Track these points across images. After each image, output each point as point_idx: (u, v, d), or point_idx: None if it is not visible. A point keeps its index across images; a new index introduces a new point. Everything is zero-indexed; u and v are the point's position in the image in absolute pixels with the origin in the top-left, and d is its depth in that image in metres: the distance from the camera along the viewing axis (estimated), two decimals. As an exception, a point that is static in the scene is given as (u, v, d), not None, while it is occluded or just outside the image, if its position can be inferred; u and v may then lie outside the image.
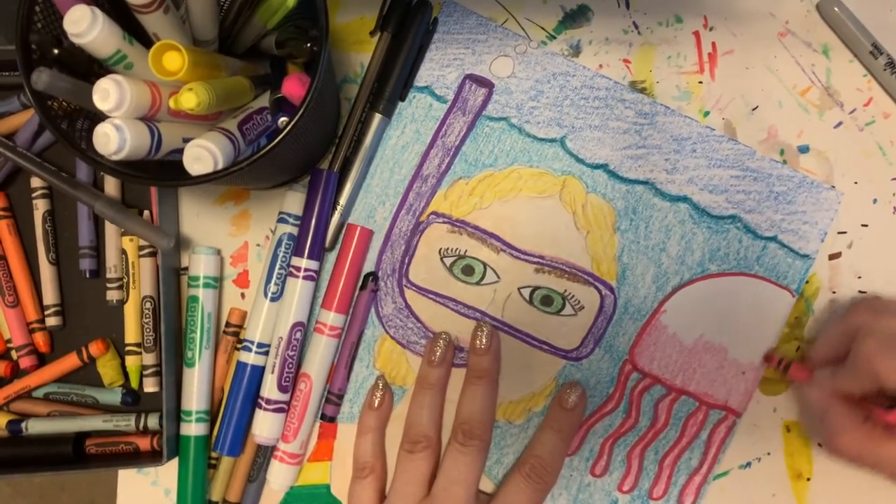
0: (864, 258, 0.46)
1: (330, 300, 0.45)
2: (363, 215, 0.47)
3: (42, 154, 0.47)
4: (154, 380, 0.46)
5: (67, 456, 0.45)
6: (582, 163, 0.46)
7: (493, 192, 0.47)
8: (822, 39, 0.47)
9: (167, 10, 0.34)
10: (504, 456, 0.46)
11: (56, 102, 0.35)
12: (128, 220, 0.43)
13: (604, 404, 0.46)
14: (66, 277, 0.48)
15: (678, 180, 0.46)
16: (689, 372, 0.46)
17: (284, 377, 0.44)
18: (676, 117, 0.46)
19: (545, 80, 0.47)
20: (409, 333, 0.47)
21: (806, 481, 0.46)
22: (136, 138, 0.33)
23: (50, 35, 0.35)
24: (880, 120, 0.46)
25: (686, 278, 0.46)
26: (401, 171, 0.47)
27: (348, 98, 0.48)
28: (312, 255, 0.45)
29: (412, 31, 0.46)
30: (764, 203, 0.46)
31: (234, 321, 0.47)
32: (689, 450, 0.46)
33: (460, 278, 0.47)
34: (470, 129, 0.47)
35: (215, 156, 0.34)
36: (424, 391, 0.45)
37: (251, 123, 0.38)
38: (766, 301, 0.46)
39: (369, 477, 0.45)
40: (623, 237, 0.46)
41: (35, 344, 0.47)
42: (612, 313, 0.46)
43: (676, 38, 0.47)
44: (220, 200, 0.48)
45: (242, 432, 0.45)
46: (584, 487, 0.46)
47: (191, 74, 0.33)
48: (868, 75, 0.47)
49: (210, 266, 0.46)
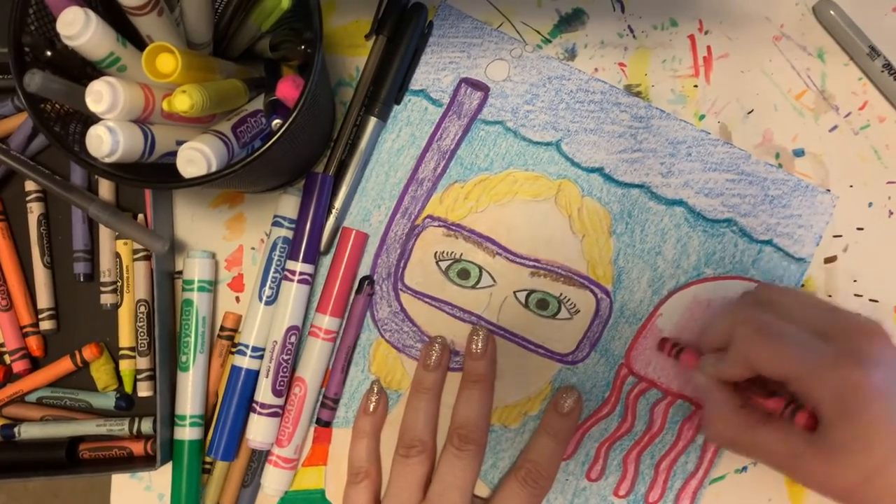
0: (859, 261, 0.46)
1: (325, 304, 0.45)
2: (358, 219, 0.47)
3: (36, 157, 0.47)
4: (148, 384, 0.45)
5: (61, 461, 0.45)
6: (577, 166, 0.46)
7: (488, 195, 0.47)
8: (817, 43, 0.47)
9: (161, 13, 0.34)
10: (500, 460, 0.46)
11: (49, 105, 0.35)
12: (122, 223, 0.43)
13: (599, 408, 0.46)
14: (60, 281, 0.47)
15: (673, 184, 0.46)
16: (684, 376, 0.45)
17: (279, 381, 0.44)
18: (672, 121, 0.46)
19: (540, 83, 0.47)
20: (405, 337, 0.47)
21: (802, 486, 0.45)
22: (130, 141, 0.33)
23: (43, 37, 0.35)
24: (875, 123, 0.46)
25: (682, 282, 0.46)
26: (396, 174, 0.47)
27: (343, 101, 0.48)
28: (307, 259, 0.45)
29: (407, 35, 0.46)
30: (759, 207, 0.46)
31: (229, 325, 0.46)
32: (685, 454, 0.45)
33: (456, 282, 0.46)
34: (465, 132, 0.47)
35: (209, 158, 0.34)
36: (420, 395, 0.45)
37: (245, 126, 0.38)
38: (761, 305, 0.45)
39: (364, 482, 0.44)
40: (619, 241, 0.46)
41: (28, 348, 0.47)
42: (607, 317, 0.46)
43: (671, 42, 0.47)
44: (214, 204, 0.48)
45: (237, 437, 0.45)
46: (579, 492, 0.46)
47: (184, 77, 0.33)
48: (863, 78, 0.47)
49: (204, 270, 0.46)
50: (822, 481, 0.36)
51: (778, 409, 0.38)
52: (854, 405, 0.34)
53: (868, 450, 0.34)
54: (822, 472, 0.35)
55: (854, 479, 0.34)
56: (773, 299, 0.40)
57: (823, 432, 0.35)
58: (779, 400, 0.38)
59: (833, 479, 0.35)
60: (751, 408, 0.39)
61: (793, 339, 0.36)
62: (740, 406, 0.39)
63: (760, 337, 0.37)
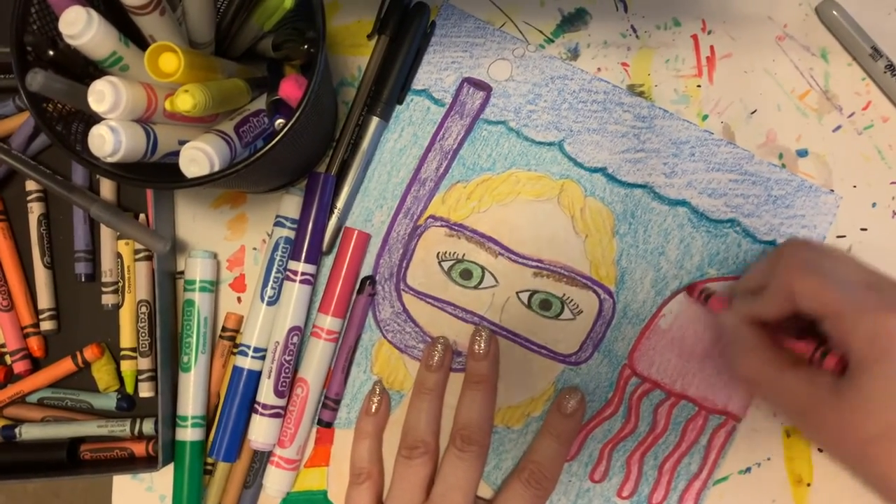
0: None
1: (327, 304, 0.45)
2: (360, 219, 0.47)
3: (37, 157, 0.47)
4: (149, 385, 0.45)
5: (62, 462, 0.44)
6: (580, 166, 0.46)
7: (491, 195, 0.47)
8: (820, 43, 0.47)
9: (163, 12, 0.34)
10: (503, 461, 0.46)
11: (51, 105, 0.35)
12: (123, 223, 0.43)
13: (603, 409, 0.46)
14: (62, 281, 0.47)
15: (677, 184, 0.46)
16: (688, 376, 0.45)
17: (281, 382, 0.44)
18: (675, 121, 0.46)
19: (543, 83, 0.47)
20: (407, 338, 0.47)
21: (806, 486, 0.45)
22: (132, 140, 0.33)
23: (45, 36, 0.35)
24: (879, 123, 0.46)
25: (685, 282, 0.46)
26: (398, 174, 0.47)
27: (346, 101, 0.48)
28: (309, 259, 0.44)
29: (410, 35, 0.46)
30: (763, 207, 0.46)
31: (231, 325, 0.46)
32: (688, 455, 0.45)
33: (458, 282, 0.46)
34: (468, 132, 0.47)
35: (211, 158, 0.34)
36: (422, 396, 0.45)
37: (248, 126, 0.38)
38: (765, 305, 0.45)
39: (366, 483, 0.44)
40: (622, 241, 0.46)
41: (29, 348, 0.47)
42: (610, 317, 0.46)
43: (674, 42, 0.47)
44: (216, 204, 0.48)
45: (238, 438, 0.45)
46: (583, 493, 0.46)
47: (187, 76, 0.32)
48: (867, 79, 0.46)
49: (206, 270, 0.46)
50: (838, 433, 0.35)
51: (808, 351, 0.37)
52: (887, 351, 0.33)
53: (893, 401, 0.33)
54: (841, 422, 0.34)
55: (872, 431, 0.33)
56: (821, 247, 0.39)
57: (850, 378, 0.34)
58: (810, 342, 0.37)
59: (850, 430, 0.34)
60: (780, 349, 0.39)
61: (839, 276, 0.36)
62: (770, 345, 0.39)
63: (806, 270, 0.36)
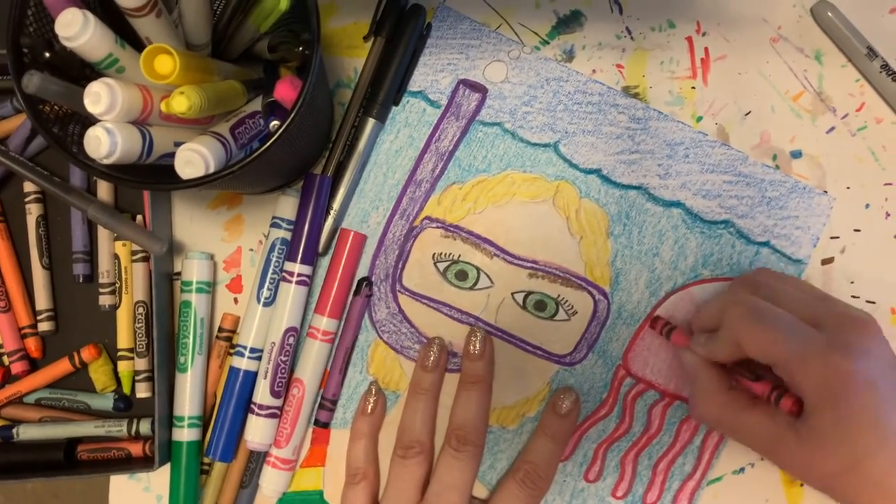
0: (856, 263, 0.46)
1: (323, 305, 0.45)
2: (356, 220, 0.47)
3: (35, 158, 0.47)
4: (146, 385, 0.45)
5: (59, 462, 0.45)
6: (575, 168, 0.46)
7: (486, 197, 0.47)
8: (814, 45, 0.47)
9: (159, 14, 0.34)
10: (497, 461, 0.46)
11: (48, 106, 0.35)
12: (121, 224, 0.43)
13: (597, 409, 0.46)
14: (59, 282, 0.48)
15: (671, 185, 0.46)
16: (682, 377, 0.45)
17: (277, 382, 0.44)
18: (669, 122, 0.46)
19: (538, 85, 0.47)
20: (403, 339, 0.47)
21: (799, 487, 0.45)
22: (128, 142, 0.33)
23: (41, 38, 0.35)
24: (872, 125, 0.46)
25: (679, 283, 0.46)
26: (394, 175, 0.47)
27: (342, 103, 0.48)
28: (306, 260, 0.45)
29: (406, 36, 0.46)
30: (756, 208, 0.46)
31: (227, 326, 0.47)
32: (682, 455, 0.45)
33: (454, 283, 0.46)
34: (463, 134, 0.47)
35: (207, 160, 0.34)
36: (418, 396, 0.45)
37: (243, 127, 0.38)
38: (759, 306, 0.45)
39: (362, 483, 0.44)
40: (616, 242, 0.46)
41: (27, 349, 0.47)
42: (605, 318, 0.46)
43: (669, 44, 0.47)
44: (213, 205, 0.48)
45: (235, 438, 0.45)
46: (577, 493, 0.46)
47: (183, 78, 0.33)
48: (861, 80, 0.47)
49: (203, 271, 0.46)
50: (803, 468, 0.36)
51: (764, 392, 0.38)
52: (839, 394, 0.34)
53: (850, 440, 0.34)
54: (804, 459, 0.35)
55: (834, 468, 0.34)
56: (769, 284, 0.40)
57: (807, 419, 0.35)
58: (765, 384, 0.38)
59: (814, 467, 0.35)
60: (738, 390, 0.40)
61: (783, 323, 0.36)
62: (728, 387, 0.40)
63: (751, 319, 0.37)
